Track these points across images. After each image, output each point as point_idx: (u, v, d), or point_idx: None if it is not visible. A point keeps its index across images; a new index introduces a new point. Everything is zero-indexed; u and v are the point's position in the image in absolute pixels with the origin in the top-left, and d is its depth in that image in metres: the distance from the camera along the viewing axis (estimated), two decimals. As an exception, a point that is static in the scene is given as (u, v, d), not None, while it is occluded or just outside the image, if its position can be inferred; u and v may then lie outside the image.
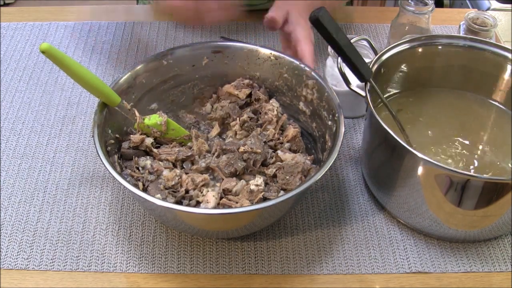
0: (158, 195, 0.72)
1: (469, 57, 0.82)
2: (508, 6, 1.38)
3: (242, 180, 0.74)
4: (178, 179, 0.73)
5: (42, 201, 0.80)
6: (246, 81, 0.84)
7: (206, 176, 0.73)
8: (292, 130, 0.80)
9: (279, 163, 0.76)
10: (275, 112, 0.81)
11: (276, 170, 0.75)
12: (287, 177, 0.73)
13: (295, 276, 0.72)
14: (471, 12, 0.95)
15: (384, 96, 0.82)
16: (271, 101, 0.83)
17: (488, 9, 1.41)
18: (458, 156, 0.77)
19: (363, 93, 0.74)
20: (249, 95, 0.84)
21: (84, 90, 0.95)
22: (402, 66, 0.83)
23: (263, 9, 1.12)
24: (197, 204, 0.72)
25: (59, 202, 0.80)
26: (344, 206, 0.80)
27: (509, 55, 0.80)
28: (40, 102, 0.95)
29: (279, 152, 0.77)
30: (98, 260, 0.73)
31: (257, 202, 0.70)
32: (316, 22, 0.69)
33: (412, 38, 0.82)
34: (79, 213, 0.78)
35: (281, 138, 0.80)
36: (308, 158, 0.77)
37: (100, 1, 2.20)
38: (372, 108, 0.71)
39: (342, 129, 0.71)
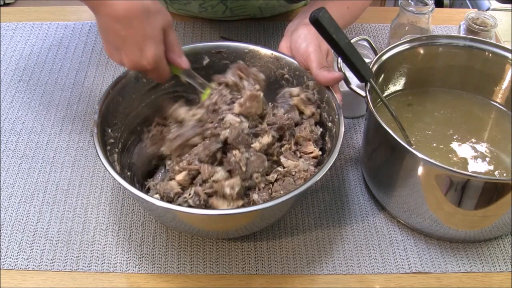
0: (157, 195, 0.72)
1: (469, 57, 0.82)
2: (508, 6, 1.38)
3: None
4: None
5: (42, 201, 0.80)
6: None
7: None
8: (312, 148, 0.76)
9: (280, 169, 0.74)
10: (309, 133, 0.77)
11: (277, 176, 0.73)
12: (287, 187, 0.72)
13: (295, 276, 0.72)
14: (471, 12, 0.95)
15: (384, 96, 0.82)
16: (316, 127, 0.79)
17: (488, 9, 1.41)
18: (458, 156, 0.77)
19: (363, 93, 0.74)
20: None
21: (84, 90, 0.97)
22: (402, 66, 0.83)
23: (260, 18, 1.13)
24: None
25: (59, 202, 0.80)
26: (344, 206, 0.80)
27: (509, 55, 0.80)
28: (40, 102, 0.95)
29: (282, 158, 0.75)
30: (98, 260, 0.73)
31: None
32: (316, 23, 0.69)
33: (412, 38, 0.82)
34: (79, 213, 0.78)
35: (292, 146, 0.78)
36: (312, 163, 0.75)
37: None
38: (372, 108, 0.71)
39: (342, 130, 0.71)
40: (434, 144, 0.79)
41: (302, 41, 0.78)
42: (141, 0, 0.66)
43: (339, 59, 0.75)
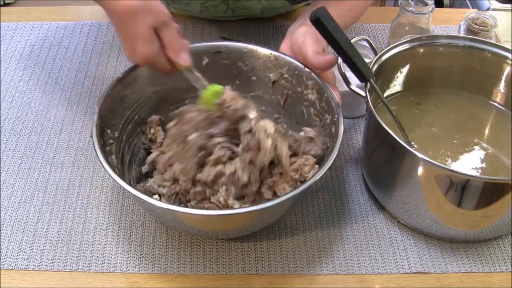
0: (156, 196, 0.72)
1: (469, 57, 0.82)
2: (508, 6, 1.38)
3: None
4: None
5: (42, 201, 0.80)
6: None
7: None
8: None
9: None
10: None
11: None
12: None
13: (295, 276, 0.72)
14: (471, 12, 0.95)
15: (384, 96, 0.82)
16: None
17: (488, 9, 1.41)
18: (457, 156, 0.77)
19: (363, 93, 0.74)
20: None
21: (84, 90, 0.97)
22: (402, 66, 0.83)
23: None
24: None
25: (59, 202, 0.80)
26: (344, 206, 0.80)
27: (509, 55, 0.80)
28: (40, 102, 0.95)
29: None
30: (98, 260, 0.73)
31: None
32: (317, 22, 0.69)
33: (412, 38, 0.82)
34: (79, 213, 0.78)
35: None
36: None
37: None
38: (372, 108, 0.71)
39: (341, 130, 0.71)
40: (434, 144, 0.79)
41: (300, 36, 0.79)
42: (133, 0, 0.67)
43: (339, 59, 0.75)
